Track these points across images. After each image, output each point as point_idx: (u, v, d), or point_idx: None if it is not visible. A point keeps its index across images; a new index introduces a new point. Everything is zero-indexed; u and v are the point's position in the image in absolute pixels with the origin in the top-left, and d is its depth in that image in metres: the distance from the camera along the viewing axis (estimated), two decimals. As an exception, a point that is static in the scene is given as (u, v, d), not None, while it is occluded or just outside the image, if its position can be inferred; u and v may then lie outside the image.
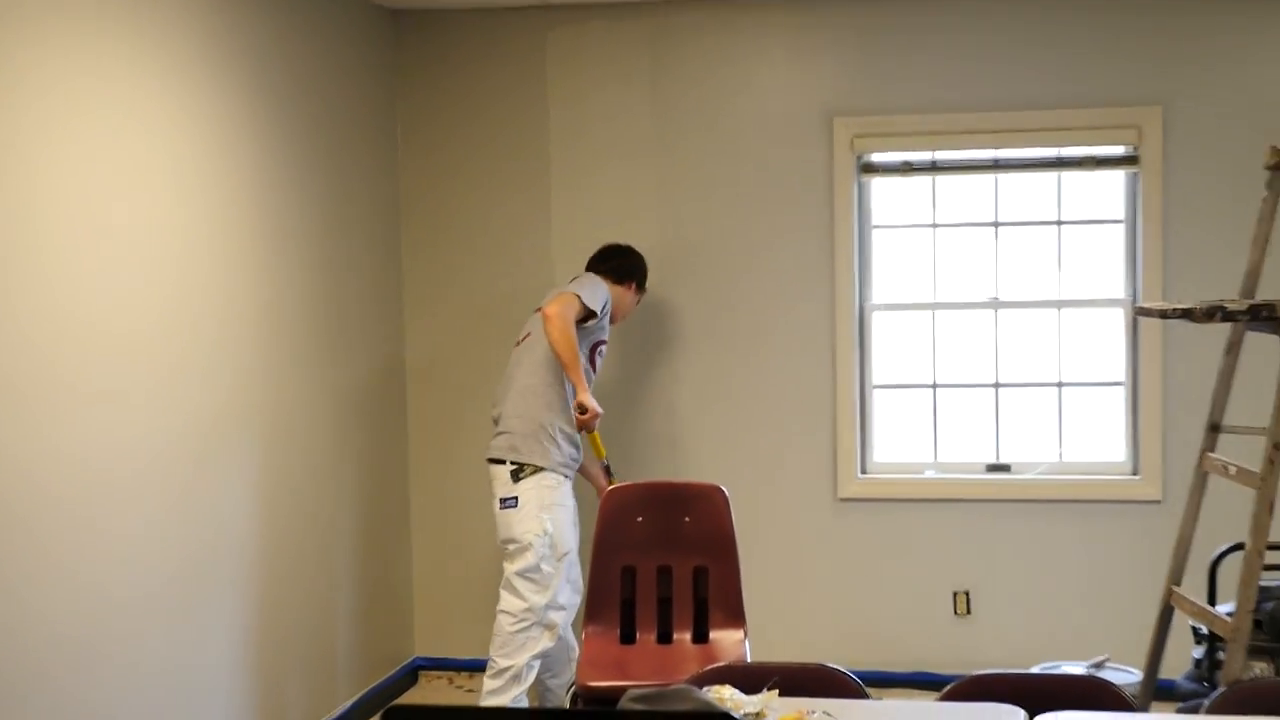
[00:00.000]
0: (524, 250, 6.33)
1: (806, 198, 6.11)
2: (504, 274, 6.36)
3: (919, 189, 6.14)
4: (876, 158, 6.10)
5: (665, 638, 5.21)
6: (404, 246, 6.44)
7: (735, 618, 5.18)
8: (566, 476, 5.42)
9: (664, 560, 5.27)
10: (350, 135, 5.96)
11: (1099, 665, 5.56)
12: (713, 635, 5.17)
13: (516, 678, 5.25)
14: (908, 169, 6.10)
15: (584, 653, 5.17)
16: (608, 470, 5.77)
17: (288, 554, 5.44)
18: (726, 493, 5.28)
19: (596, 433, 5.57)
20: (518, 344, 5.53)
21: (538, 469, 5.32)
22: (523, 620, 5.26)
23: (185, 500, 4.74)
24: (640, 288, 5.80)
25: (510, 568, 5.30)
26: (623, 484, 5.55)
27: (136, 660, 4.43)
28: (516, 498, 5.29)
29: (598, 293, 5.43)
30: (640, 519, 5.31)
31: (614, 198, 6.25)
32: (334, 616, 5.79)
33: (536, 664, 5.29)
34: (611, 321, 5.63)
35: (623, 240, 5.93)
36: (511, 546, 5.30)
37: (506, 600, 5.30)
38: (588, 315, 5.36)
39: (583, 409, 5.29)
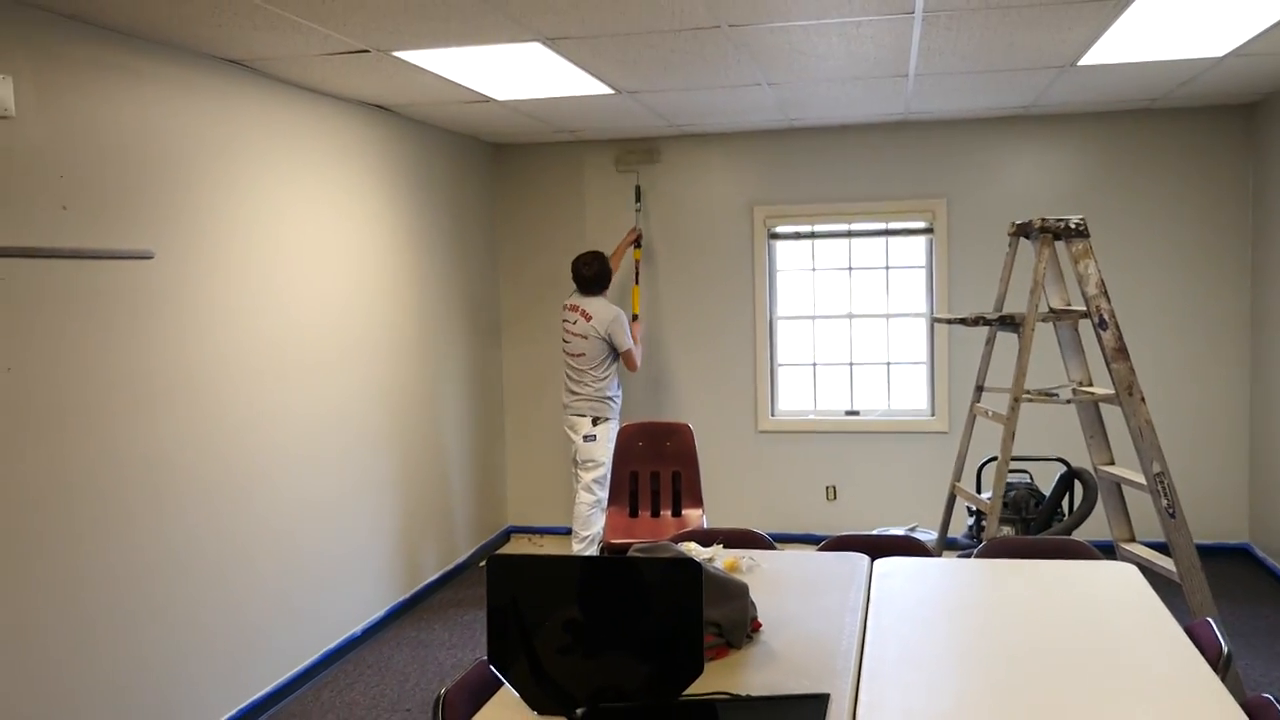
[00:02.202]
0: (570, 283, 6.15)
1: (738, 254, 6.00)
2: (559, 296, 6.18)
3: (804, 248, 6.04)
4: (780, 229, 5.99)
5: (656, 513, 5.08)
6: (500, 281, 6.30)
7: (697, 502, 5.06)
8: (617, 420, 5.22)
9: (655, 468, 5.14)
10: (468, 216, 5.84)
11: (912, 529, 5.49)
12: (684, 512, 5.05)
13: (594, 540, 5.11)
14: (798, 235, 5.99)
15: (608, 522, 5.01)
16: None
17: (426, 461, 5.29)
18: (692, 428, 5.19)
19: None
20: (575, 355, 5.13)
21: (608, 419, 5.18)
22: (594, 507, 5.11)
23: (362, 434, 4.59)
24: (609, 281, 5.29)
25: (587, 476, 5.12)
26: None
27: (325, 538, 4.32)
28: (596, 435, 5.12)
29: (627, 332, 5.10)
30: (641, 443, 5.18)
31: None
32: (454, 499, 5.62)
33: (601, 530, 5.06)
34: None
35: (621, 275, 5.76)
36: (591, 464, 5.13)
37: (584, 496, 5.12)
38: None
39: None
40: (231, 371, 3.69)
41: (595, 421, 5.17)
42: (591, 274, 5.16)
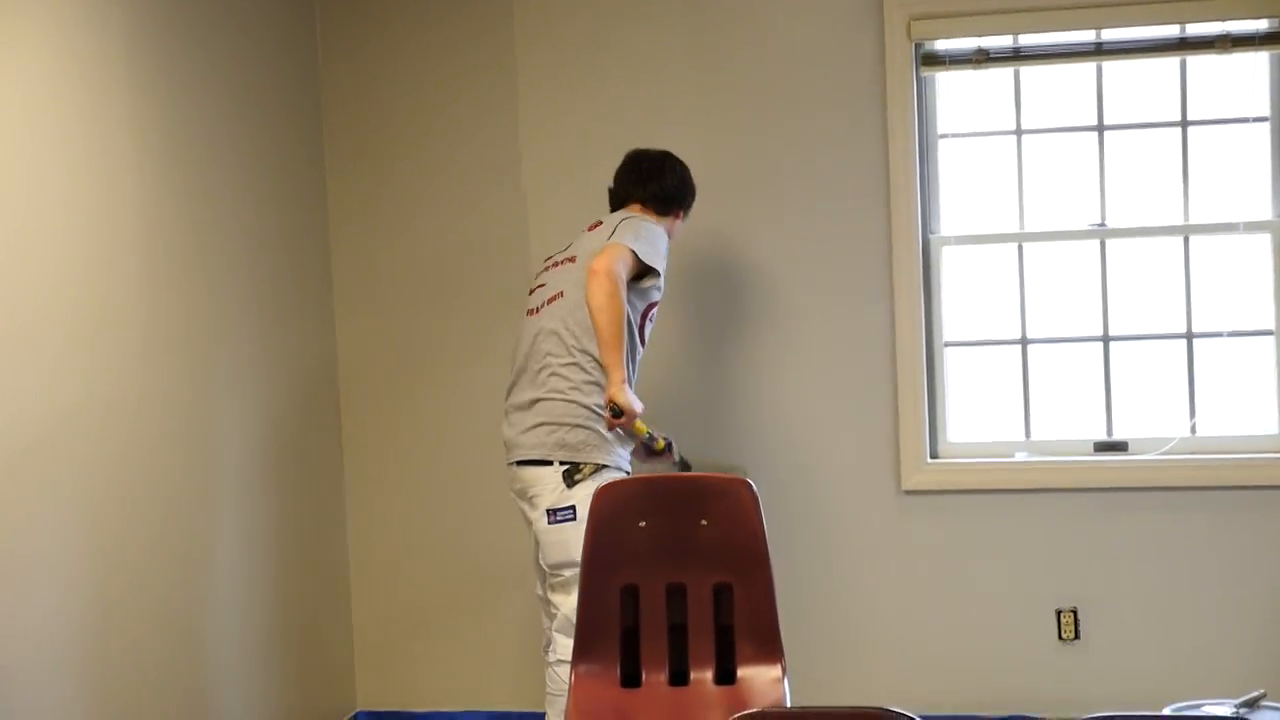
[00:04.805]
0: (489, 194, 6.02)
1: (850, 98, 5.72)
2: (467, 227, 6.06)
3: (998, 84, 5.75)
4: (942, 45, 5.66)
5: (680, 678, 4.72)
6: (331, 221, 6.15)
7: (769, 650, 4.69)
8: (628, 473, 5.15)
9: (675, 577, 4.76)
10: (255, 60, 5.75)
11: (1252, 704, 5.00)
12: (741, 673, 4.69)
13: None
14: (983, 59, 5.63)
15: (574, 700, 4.70)
16: (648, 448, 5.35)
17: (164, 583, 5.15)
18: (755, 487, 4.74)
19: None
20: (538, 309, 5.21)
21: (600, 467, 4.97)
22: None
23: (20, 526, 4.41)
24: (687, 211, 5.37)
25: (568, 601, 4.99)
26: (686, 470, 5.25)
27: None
28: (574, 507, 4.94)
29: (657, 244, 5.07)
30: (643, 524, 4.79)
31: (602, 113, 5.90)
32: (228, 663, 5.55)
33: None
34: None
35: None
36: (569, 572, 4.96)
37: (564, 645, 4.99)
38: (643, 272, 5.03)
39: (615, 410, 4.91)
40: None
41: (572, 474, 4.95)
42: (658, 185, 5.26)
